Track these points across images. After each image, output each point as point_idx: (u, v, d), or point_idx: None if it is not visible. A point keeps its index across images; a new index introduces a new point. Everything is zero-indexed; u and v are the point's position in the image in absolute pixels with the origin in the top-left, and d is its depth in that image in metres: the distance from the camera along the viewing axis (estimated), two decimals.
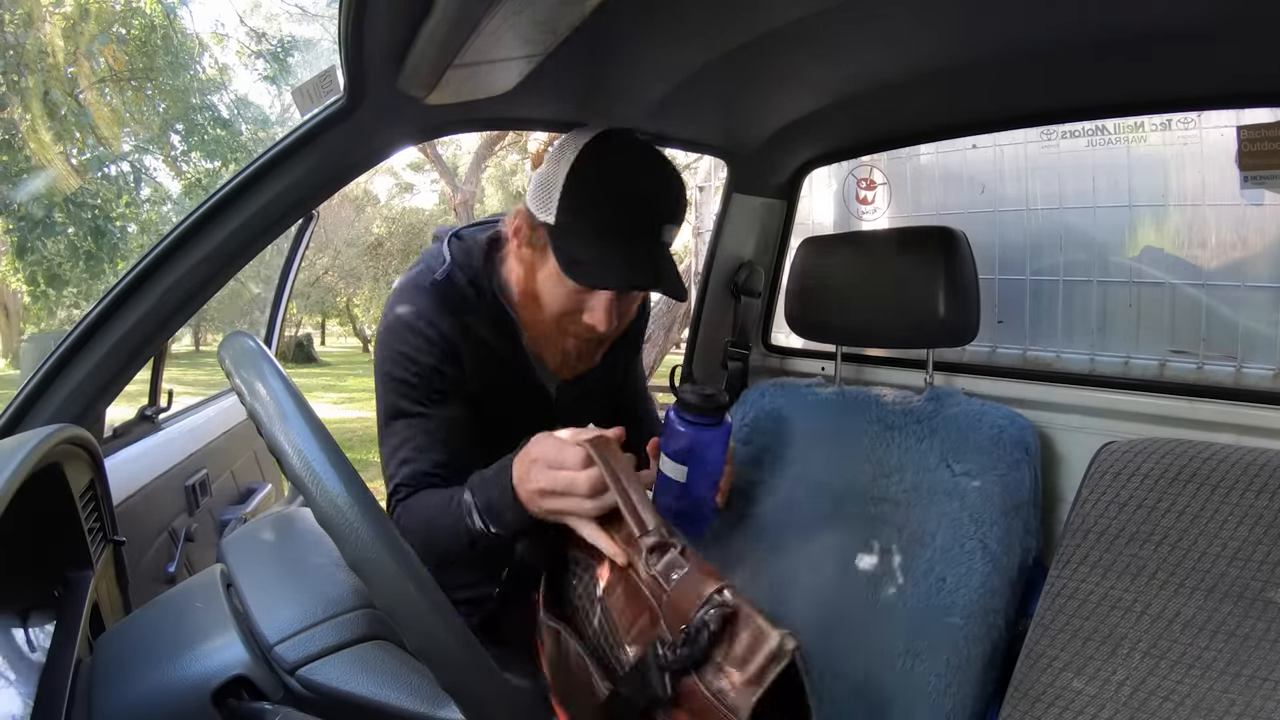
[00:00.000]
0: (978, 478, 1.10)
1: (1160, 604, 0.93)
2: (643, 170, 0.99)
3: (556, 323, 1.04)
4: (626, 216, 0.97)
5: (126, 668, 0.64)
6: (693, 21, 0.98)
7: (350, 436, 8.52)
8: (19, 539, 0.66)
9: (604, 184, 0.98)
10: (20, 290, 7.66)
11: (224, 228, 0.99)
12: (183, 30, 8.04)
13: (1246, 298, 1.17)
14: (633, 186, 0.97)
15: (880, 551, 1.13)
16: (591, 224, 0.97)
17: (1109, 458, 1.04)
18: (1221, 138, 1.15)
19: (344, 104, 0.96)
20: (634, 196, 0.97)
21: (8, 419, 0.93)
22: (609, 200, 0.97)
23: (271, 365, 0.68)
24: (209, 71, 8.69)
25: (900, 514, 1.15)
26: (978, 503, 1.09)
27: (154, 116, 8.06)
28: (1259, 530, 0.91)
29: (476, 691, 0.55)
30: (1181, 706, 0.86)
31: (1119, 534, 0.99)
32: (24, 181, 6.75)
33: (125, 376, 0.99)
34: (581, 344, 1.07)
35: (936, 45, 1.07)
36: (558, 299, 1.02)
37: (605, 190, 0.97)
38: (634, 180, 0.98)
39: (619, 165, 0.99)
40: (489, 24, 0.75)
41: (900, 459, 1.19)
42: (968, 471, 1.11)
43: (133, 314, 0.97)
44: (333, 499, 0.56)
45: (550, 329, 1.05)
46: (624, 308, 1.05)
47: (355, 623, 0.65)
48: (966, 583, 1.06)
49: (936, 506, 1.11)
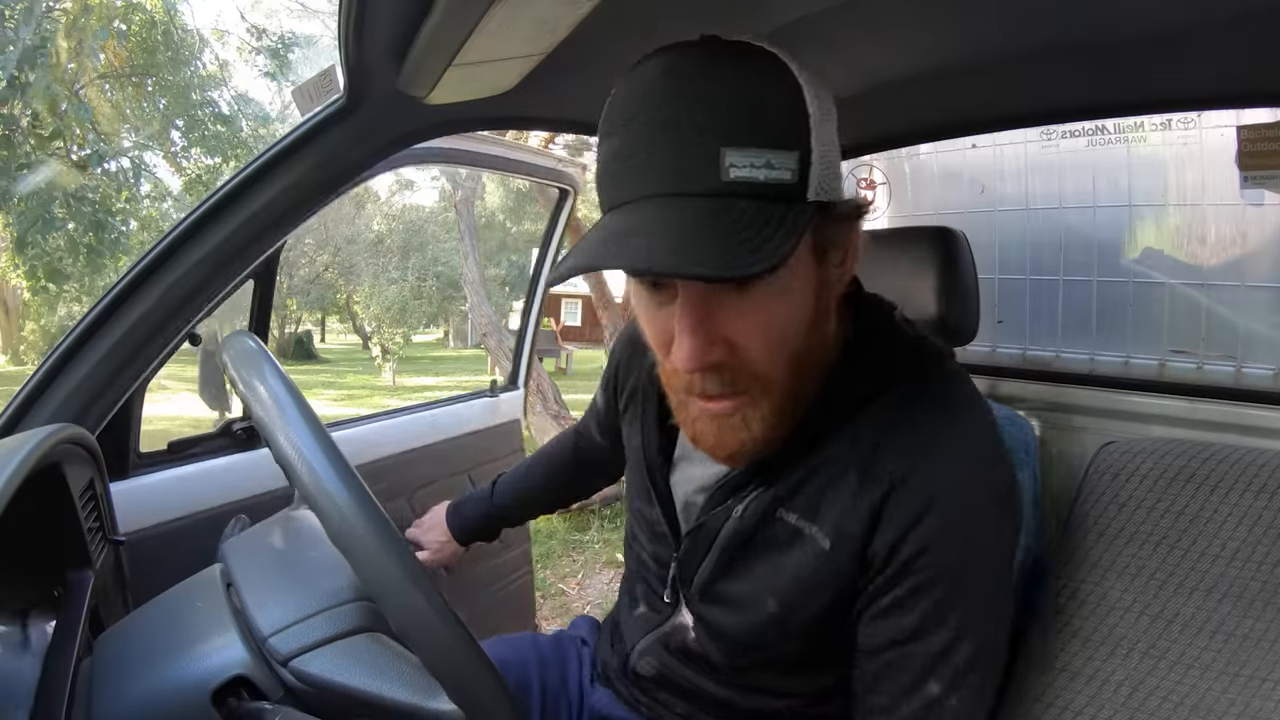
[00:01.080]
0: None
1: (1159, 604, 0.93)
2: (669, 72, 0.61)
3: (667, 380, 0.71)
4: (645, 130, 0.60)
5: (126, 668, 0.64)
6: (692, 21, 0.98)
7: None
8: (19, 539, 0.66)
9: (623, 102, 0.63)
10: (20, 286, 7.65)
11: (225, 226, 0.99)
12: (183, 26, 8.03)
13: (1246, 298, 1.17)
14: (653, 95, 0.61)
15: None
16: (606, 157, 0.64)
17: (1109, 458, 1.04)
18: (1221, 138, 1.15)
19: (344, 103, 0.96)
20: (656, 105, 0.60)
21: (8, 419, 0.93)
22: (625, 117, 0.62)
23: (271, 365, 0.68)
24: (210, 67, 8.68)
25: None
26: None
27: (154, 112, 8.05)
28: (1258, 531, 0.91)
29: (463, 673, 0.55)
30: (1180, 707, 0.86)
31: (1118, 534, 0.99)
32: (24, 176, 6.75)
33: (125, 376, 0.99)
34: (705, 405, 0.68)
35: (937, 45, 1.07)
36: (642, 316, 0.69)
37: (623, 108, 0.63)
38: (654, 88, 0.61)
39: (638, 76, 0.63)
40: (489, 24, 0.75)
41: None
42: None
43: (133, 313, 0.97)
44: (328, 493, 0.57)
45: (669, 388, 0.72)
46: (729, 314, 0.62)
47: (349, 614, 0.65)
48: None
49: None
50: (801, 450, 0.71)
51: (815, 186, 0.61)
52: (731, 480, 0.77)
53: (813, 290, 0.65)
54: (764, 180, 0.57)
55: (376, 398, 11.89)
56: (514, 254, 19.75)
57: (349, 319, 20.45)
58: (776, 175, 0.58)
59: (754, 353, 0.63)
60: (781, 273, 0.60)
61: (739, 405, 0.66)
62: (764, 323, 0.62)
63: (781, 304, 0.63)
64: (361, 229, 14.14)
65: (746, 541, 0.75)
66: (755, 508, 0.74)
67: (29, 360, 11.94)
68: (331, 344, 23.27)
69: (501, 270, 19.17)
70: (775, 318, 0.63)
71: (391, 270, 13.80)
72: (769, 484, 0.73)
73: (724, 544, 0.76)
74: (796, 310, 0.64)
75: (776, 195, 0.58)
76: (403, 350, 14.22)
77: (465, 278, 7.00)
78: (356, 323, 19.85)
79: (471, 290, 6.79)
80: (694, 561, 0.79)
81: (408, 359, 15.57)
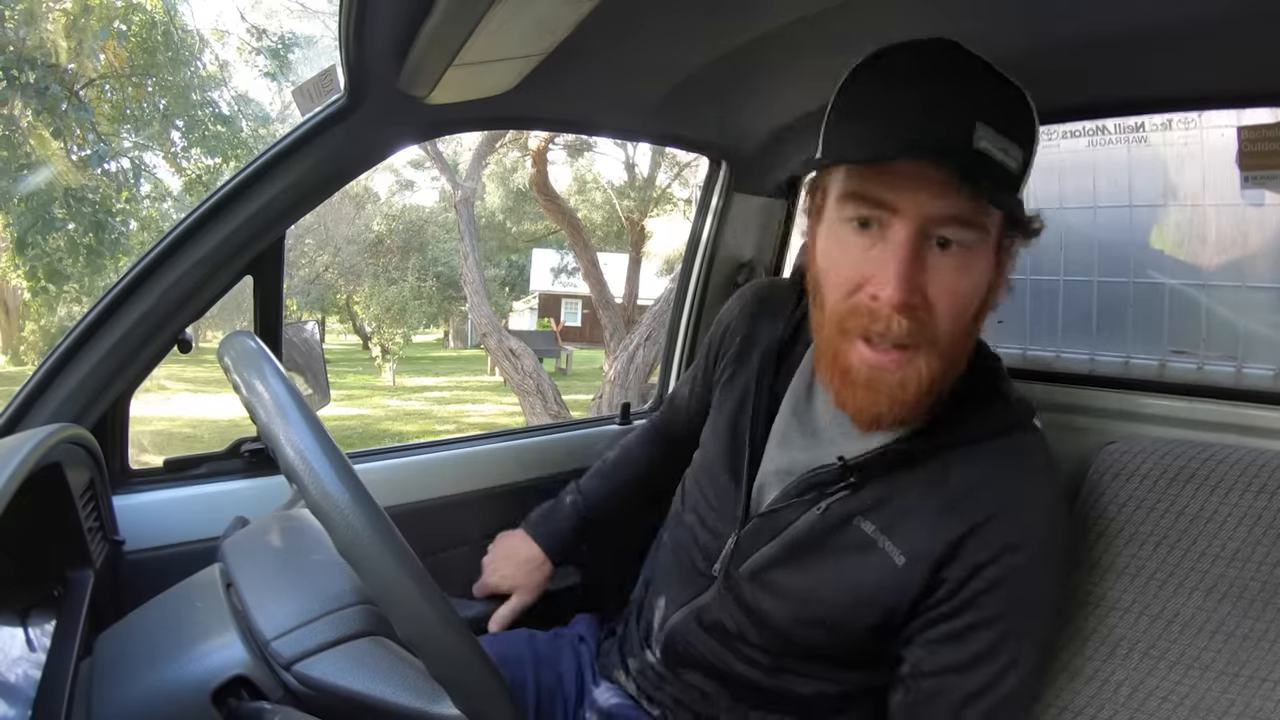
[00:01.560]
0: None
1: (1159, 605, 0.93)
2: (940, 57, 0.71)
3: (838, 322, 0.73)
4: (908, 90, 0.68)
5: (126, 668, 0.64)
6: (692, 21, 0.98)
7: (350, 434, 8.53)
8: (19, 539, 0.66)
9: (878, 70, 0.72)
10: (20, 286, 7.64)
11: (225, 226, 0.99)
12: (183, 26, 8.03)
13: (1247, 298, 1.17)
14: (922, 68, 0.70)
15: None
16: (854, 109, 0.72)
17: (1109, 458, 1.04)
18: (1221, 138, 1.15)
19: (344, 103, 0.96)
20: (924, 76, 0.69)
21: (8, 419, 0.93)
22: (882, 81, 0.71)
23: (271, 365, 0.68)
24: (210, 68, 8.68)
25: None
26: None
27: (154, 113, 8.05)
28: (1259, 531, 0.91)
29: (468, 680, 0.55)
30: (1180, 707, 0.86)
31: (1118, 534, 0.99)
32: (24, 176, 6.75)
33: (125, 376, 0.99)
34: (870, 355, 0.71)
35: None
36: (833, 260, 0.73)
37: (879, 75, 0.72)
38: (924, 64, 0.70)
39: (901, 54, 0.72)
40: (489, 24, 0.75)
41: None
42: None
43: (133, 313, 0.97)
44: (327, 491, 0.56)
45: (833, 330, 0.74)
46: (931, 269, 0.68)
47: (352, 618, 0.65)
48: None
49: None
50: (892, 467, 0.76)
51: (1025, 184, 0.71)
52: (823, 475, 0.79)
53: (987, 282, 0.72)
54: (999, 160, 0.67)
55: (376, 398, 11.90)
56: (514, 254, 19.76)
57: (349, 319, 20.44)
58: (1008, 161, 0.68)
59: (940, 310, 0.69)
60: (976, 249, 0.69)
61: (902, 362, 0.70)
62: (954, 286, 0.69)
63: (969, 275, 0.69)
64: (361, 229, 14.14)
65: (819, 539, 0.78)
66: (838, 510, 0.77)
67: (29, 360, 11.94)
68: (331, 344, 23.26)
69: (501, 270, 19.19)
70: (962, 286, 0.69)
71: (391, 270, 13.80)
72: (855, 490, 0.77)
73: (795, 536, 0.79)
74: (975, 289, 0.71)
75: (1006, 177, 0.68)
76: (403, 350, 14.22)
77: (465, 278, 7.01)
78: (356, 323, 19.85)
79: (471, 290, 6.79)
80: (756, 544, 0.82)
81: (408, 359, 15.58)
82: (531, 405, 6.32)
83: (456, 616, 0.57)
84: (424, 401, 11.74)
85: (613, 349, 6.54)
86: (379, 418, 10.08)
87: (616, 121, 1.37)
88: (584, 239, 7.22)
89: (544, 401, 6.26)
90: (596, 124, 1.37)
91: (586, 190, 14.08)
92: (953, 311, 0.69)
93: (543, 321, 22.26)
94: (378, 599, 0.56)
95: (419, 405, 11.33)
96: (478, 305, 6.68)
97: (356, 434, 8.64)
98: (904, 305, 0.67)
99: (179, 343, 1.04)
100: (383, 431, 9.03)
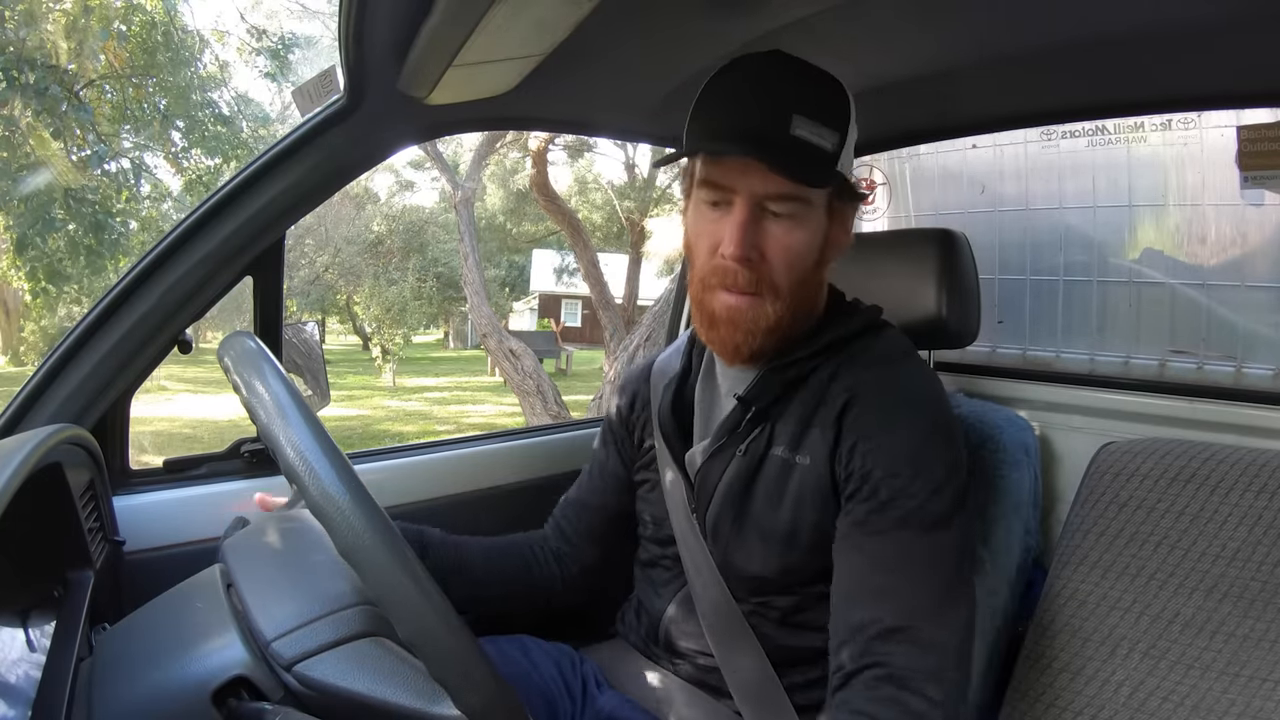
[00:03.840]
0: (977, 478, 1.10)
1: (1160, 604, 0.93)
2: (768, 63, 0.87)
3: (702, 279, 0.90)
4: (742, 92, 0.86)
5: (127, 667, 0.64)
6: (692, 21, 0.98)
7: (350, 434, 8.53)
8: (19, 539, 0.66)
9: (724, 76, 0.88)
10: (21, 288, 7.63)
11: (225, 226, 0.99)
12: (183, 27, 8.03)
13: (1246, 298, 1.17)
14: (754, 73, 0.86)
15: None
16: (705, 110, 0.88)
17: (1109, 458, 1.04)
18: (1221, 138, 1.15)
19: (344, 104, 0.96)
20: (754, 80, 0.86)
21: (8, 419, 0.93)
22: (726, 86, 0.87)
23: (271, 365, 0.68)
24: (210, 68, 8.67)
25: None
26: (977, 503, 1.09)
27: (154, 113, 8.04)
28: (1259, 531, 0.91)
29: (468, 681, 0.55)
30: (1181, 707, 0.86)
31: (1118, 534, 0.99)
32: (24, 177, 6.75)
33: (125, 376, 0.99)
34: (727, 298, 0.88)
35: (936, 45, 1.07)
36: (697, 232, 0.90)
37: (725, 80, 0.88)
38: (756, 70, 0.87)
39: (742, 62, 0.88)
40: (489, 24, 0.75)
41: None
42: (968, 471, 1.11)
43: (133, 313, 0.97)
44: (327, 492, 0.56)
45: (700, 287, 0.91)
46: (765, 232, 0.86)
47: (353, 619, 0.65)
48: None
49: None
50: (782, 396, 0.91)
51: (841, 164, 0.86)
52: (729, 421, 0.93)
53: (821, 239, 0.89)
54: (814, 144, 0.84)
55: (376, 398, 11.90)
56: (514, 255, 19.75)
57: (349, 320, 20.44)
58: (822, 144, 0.84)
59: (775, 264, 0.86)
60: (801, 215, 0.86)
61: (754, 304, 0.87)
62: (784, 243, 0.86)
63: (797, 235, 0.86)
64: (361, 230, 14.13)
65: (750, 479, 0.91)
66: (756, 449, 0.91)
67: (29, 361, 11.94)
68: (331, 344, 23.26)
69: (501, 271, 19.18)
70: (794, 243, 0.86)
71: (391, 271, 13.80)
72: (763, 428, 0.92)
73: (730, 484, 0.92)
74: (807, 247, 0.87)
75: (821, 158, 0.85)
76: (403, 351, 14.21)
77: (465, 278, 7.01)
78: (356, 323, 19.85)
79: (472, 291, 6.80)
80: (704, 505, 0.94)
81: (408, 360, 15.57)
82: (532, 406, 6.33)
83: (456, 617, 0.57)
84: (424, 402, 11.74)
85: (613, 349, 6.55)
86: (379, 418, 10.07)
87: (616, 121, 1.37)
88: (584, 239, 7.22)
89: (544, 402, 6.26)
90: (596, 124, 1.38)
91: (587, 191, 14.07)
92: (786, 262, 0.86)
93: (543, 322, 22.25)
94: (378, 599, 0.56)
95: (419, 406, 11.33)
96: (478, 306, 6.68)
97: (356, 434, 8.64)
98: (743, 258, 0.84)
99: (179, 343, 1.04)
100: (383, 432, 9.03)
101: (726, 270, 0.86)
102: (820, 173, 0.85)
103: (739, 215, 0.85)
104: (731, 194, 0.85)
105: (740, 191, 0.85)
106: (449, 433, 9.25)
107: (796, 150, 0.83)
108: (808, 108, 0.84)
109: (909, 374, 0.91)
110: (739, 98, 0.86)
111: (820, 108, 0.85)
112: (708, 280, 0.89)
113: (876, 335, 0.94)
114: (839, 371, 0.89)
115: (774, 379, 0.91)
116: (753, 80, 0.86)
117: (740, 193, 0.85)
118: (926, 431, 0.85)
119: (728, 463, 0.93)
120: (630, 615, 1.07)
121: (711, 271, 0.88)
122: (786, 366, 0.91)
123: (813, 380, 0.91)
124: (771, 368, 0.92)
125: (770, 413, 0.92)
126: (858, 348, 0.91)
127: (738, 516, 0.92)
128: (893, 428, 0.84)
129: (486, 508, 1.30)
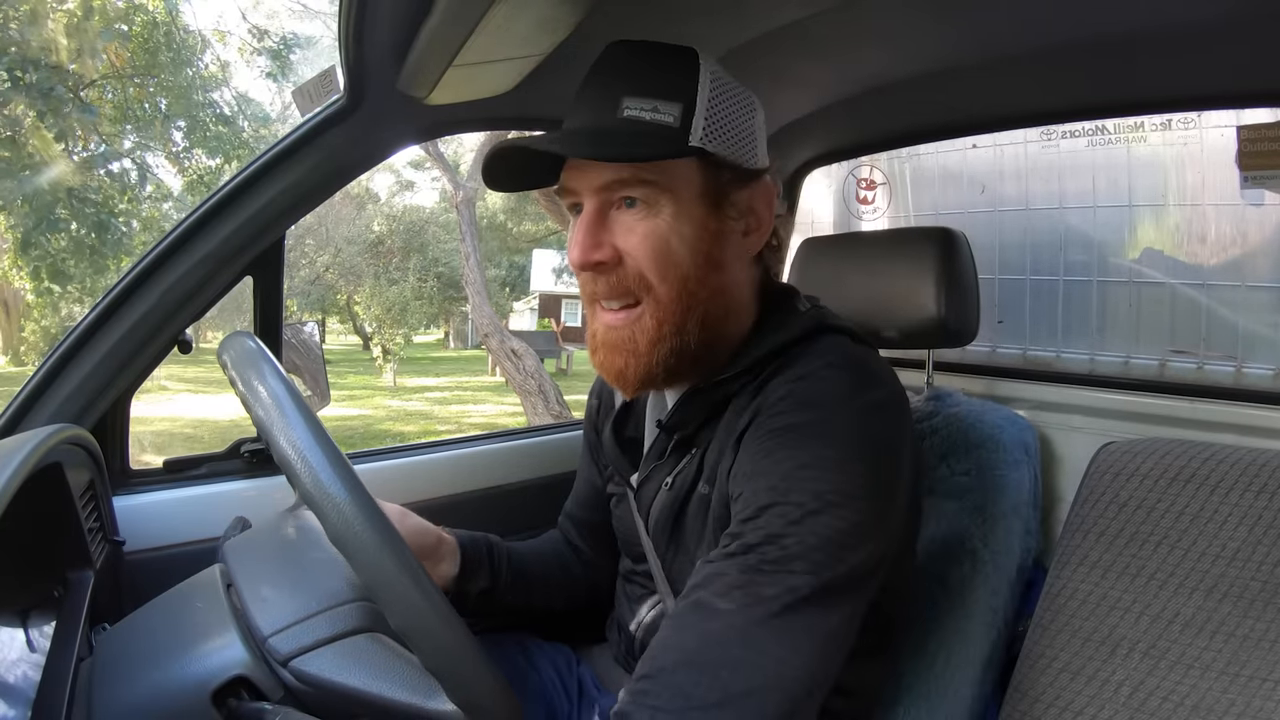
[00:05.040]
0: (977, 478, 1.10)
1: (1159, 605, 0.93)
2: (603, 57, 0.80)
3: (581, 293, 0.83)
4: (580, 95, 0.80)
5: (127, 667, 0.64)
6: (692, 21, 0.98)
7: (351, 434, 8.53)
8: (19, 539, 0.66)
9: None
10: (24, 287, 7.64)
11: (225, 226, 0.99)
12: (185, 27, 8.04)
13: (1246, 298, 1.17)
14: (591, 71, 0.81)
15: None
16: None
17: (1108, 458, 1.04)
18: (1221, 138, 1.15)
19: (344, 104, 0.96)
20: (589, 77, 0.80)
21: (8, 419, 0.93)
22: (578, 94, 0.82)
23: (271, 365, 0.68)
24: (211, 68, 8.68)
25: None
26: (977, 503, 1.09)
27: (156, 113, 8.05)
28: (1259, 531, 0.90)
29: (462, 672, 0.55)
30: (1181, 707, 0.86)
31: (1118, 534, 0.99)
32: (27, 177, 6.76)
33: (126, 376, 0.99)
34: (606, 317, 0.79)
35: (936, 45, 1.07)
36: (569, 246, 0.81)
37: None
38: (594, 67, 0.81)
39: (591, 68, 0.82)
40: (489, 24, 0.75)
41: None
42: (967, 471, 1.11)
43: (133, 313, 0.97)
44: (319, 479, 0.57)
45: (584, 306, 0.84)
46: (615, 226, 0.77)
47: (349, 615, 0.65)
48: (966, 583, 1.06)
49: (936, 506, 1.11)
50: (713, 419, 0.81)
51: (699, 135, 0.75)
52: (654, 447, 0.88)
53: (705, 232, 0.77)
54: (649, 120, 0.74)
55: (377, 398, 11.90)
56: (515, 255, 19.75)
57: (349, 320, 20.44)
58: (660, 118, 0.74)
59: (637, 260, 0.76)
60: (658, 201, 0.75)
61: (629, 319, 0.77)
62: (646, 236, 0.75)
63: (664, 226, 0.75)
64: (362, 230, 14.13)
65: (677, 515, 0.84)
66: (681, 481, 0.83)
67: (29, 360, 11.95)
68: (332, 344, 23.26)
69: (502, 271, 19.17)
70: (657, 235, 0.75)
71: (392, 271, 13.80)
72: (690, 458, 0.83)
73: (659, 513, 0.85)
74: (680, 239, 0.76)
75: (660, 132, 0.74)
76: (403, 351, 14.22)
77: (466, 278, 7.02)
78: (357, 323, 19.85)
79: (473, 291, 6.80)
80: (647, 529, 0.88)
81: (408, 360, 15.58)
82: (534, 405, 6.33)
83: (449, 608, 0.57)
84: (424, 402, 11.74)
85: None
86: (380, 418, 10.07)
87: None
88: None
89: (546, 402, 6.27)
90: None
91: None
92: (648, 256, 0.75)
93: (543, 322, 22.25)
94: (370, 589, 0.57)
95: (419, 406, 11.33)
96: (479, 306, 6.69)
97: (357, 434, 8.63)
98: (586, 262, 0.76)
99: (179, 343, 1.04)
100: (383, 432, 9.03)
101: (584, 282, 0.79)
102: (655, 146, 0.74)
103: (583, 216, 0.77)
104: (579, 197, 0.79)
105: (584, 191, 0.78)
106: (450, 432, 9.25)
107: (625, 130, 0.74)
108: (637, 85, 0.76)
109: (820, 383, 0.73)
110: (577, 99, 0.80)
111: (653, 82, 0.76)
112: (583, 294, 0.81)
113: (815, 341, 0.79)
114: (764, 387, 0.76)
115: (696, 402, 0.81)
116: (588, 77, 0.80)
117: (584, 193, 0.78)
118: (813, 454, 0.68)
119: (655, 493, 0.86)
120: (612, 628, 1.04)
121: (581, 286, 0.80)
122: (713, 387, 0.80)
123: (737, 401, 0.79)
124: (692, 389, 0.82)
125: (698, 439, 0.82)
126: (795, 357, 0.77)
127: (670, 544, 0.85)
128: (771, 450, 0.70)
129: (487, 508, 1.30)
